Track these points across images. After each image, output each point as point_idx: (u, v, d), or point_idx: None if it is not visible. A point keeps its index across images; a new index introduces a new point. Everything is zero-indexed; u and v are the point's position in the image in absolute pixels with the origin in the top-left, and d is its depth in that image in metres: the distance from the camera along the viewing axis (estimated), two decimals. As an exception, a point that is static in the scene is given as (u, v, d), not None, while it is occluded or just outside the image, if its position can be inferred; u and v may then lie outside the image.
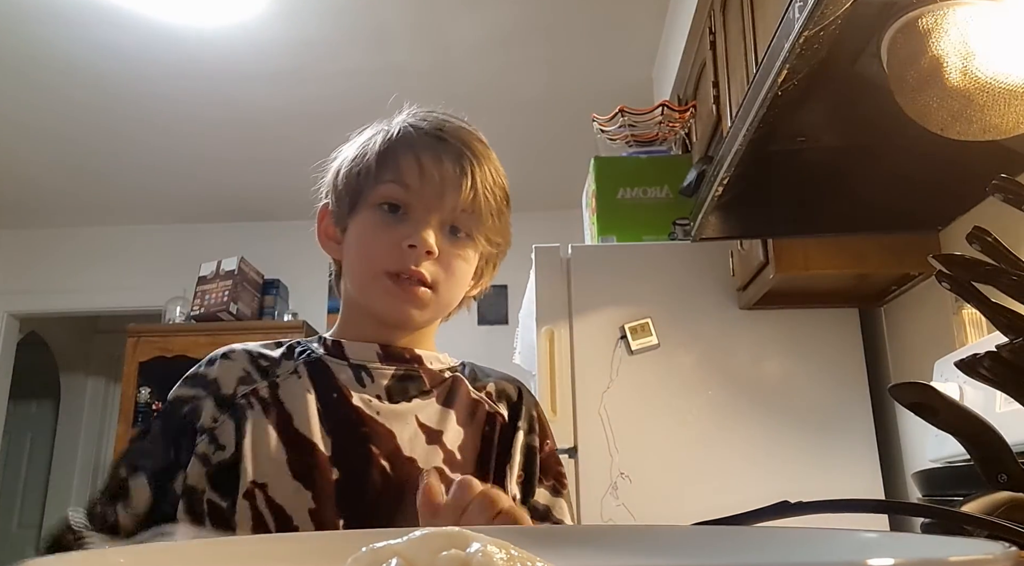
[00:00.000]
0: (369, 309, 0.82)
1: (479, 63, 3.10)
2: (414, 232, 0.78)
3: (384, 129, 0.84)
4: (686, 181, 2.12)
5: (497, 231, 0.85)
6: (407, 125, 0.83)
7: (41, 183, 4.14)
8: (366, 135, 0.86)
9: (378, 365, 0.82)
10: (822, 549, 0.37)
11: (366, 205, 0.81)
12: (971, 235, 0.61)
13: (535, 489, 0.84)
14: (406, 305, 0.79)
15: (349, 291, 0.85)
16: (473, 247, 0.83)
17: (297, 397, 0.78)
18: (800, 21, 0.93)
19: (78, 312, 4.71)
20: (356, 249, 0.83)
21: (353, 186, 0.82)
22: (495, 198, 0.83)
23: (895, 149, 1.28)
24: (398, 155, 0.81)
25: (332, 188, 0.86)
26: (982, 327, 1.56)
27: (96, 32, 2.86)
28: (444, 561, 0.28)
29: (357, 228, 0.83)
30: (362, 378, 0.81)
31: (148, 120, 3.51)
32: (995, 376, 0.58)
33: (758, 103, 1.11)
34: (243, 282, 4.17)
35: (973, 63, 0.97)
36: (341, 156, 0.87)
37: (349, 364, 0.82)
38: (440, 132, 0.82)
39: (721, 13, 2.03)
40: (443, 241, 0.80)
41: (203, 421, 0.76)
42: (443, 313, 0.85)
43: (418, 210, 0.80)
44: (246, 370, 0.80)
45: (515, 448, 0.84)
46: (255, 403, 0.77)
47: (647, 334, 2.01)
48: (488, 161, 0.83)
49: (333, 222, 0.86)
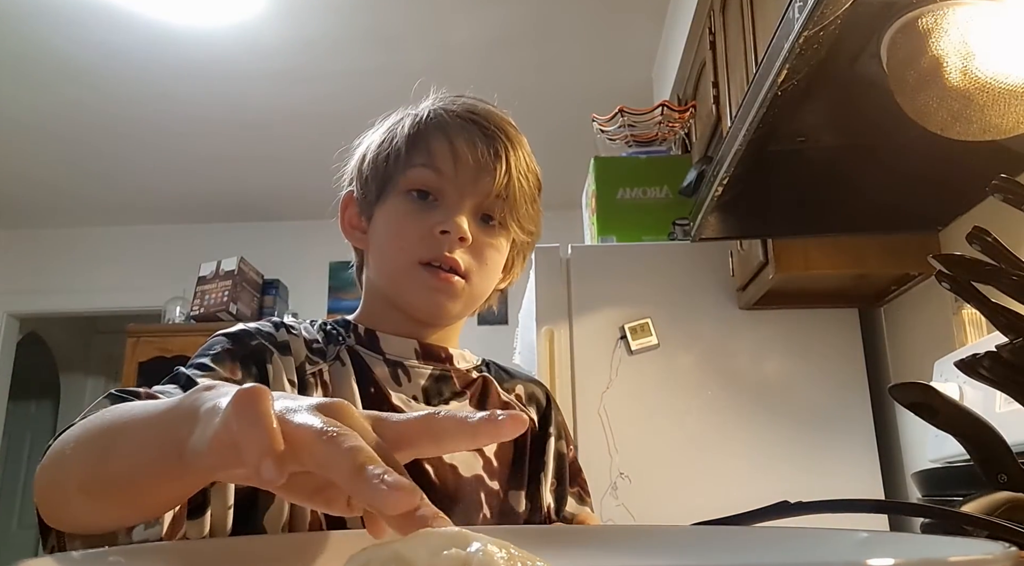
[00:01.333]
0: (398, 301, 0.78)
1: (478, 63, 3.10)
2: (447, 218, 0.74)
3: (412, 113, 0.80)
4: (686, 181, 2.12)
5: (530, 218, 0.81)
6: (437, 108, 0.79)
7: (41, 183, 4.14)
8: (392, 119, 0.82)
9: (415, 363, 0.78)
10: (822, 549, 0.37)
11: (395, 192, 0.77)
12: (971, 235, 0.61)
13: (567, 498, 0.83)
14: (439, 295, 0.75)
15: (374, 282, 0.81)
16: (506, 236, 0.80)
17: (345, 388, 0.73)
18: (800, 21, 0.93)
19: (78, 312, 4.71)
20: (385, 238, 0.78)
21: (381, 172, 0.78)
22: (529, 184, 0.79)
23: (895, 149, 1.28)
24: (429, 138, 0.77)
25: (357, 175, 0.82)
26: (982, 327, 1.56)
27: (96, 32, 2.86)
28: (445, 561, 0.27)
29: (385, 216, 0.78)
30: (399, 376, 0.77)
31: (148, 120, 3.51)
32: (995, 376, 0.58)
33: (758, 103, 1.11)
34: (243, 282, 4.17)
35: (973, 63, 0.97)
36: (367, 141, 0.83)
37: (385, 359, 0.77)
38: (473, 114, 0.78)
39: (721, 13, 2.03)
40: (476, 229, 0.76)
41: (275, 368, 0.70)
42: (474, 305, 0.80)
43: (451, 196, 0.76)
44: (309, 348, 0.75)
45: (547, 455, 0.83)
46: (319, 385, 0.73)
47: (647, 334, 2.01)
48: (521, 145, 0.79)
49: (358, 211, 0.82)
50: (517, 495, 0.78)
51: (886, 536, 0.46)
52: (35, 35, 2.88)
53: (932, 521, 0.51)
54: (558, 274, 2.10)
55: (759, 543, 0.40)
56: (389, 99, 0.87)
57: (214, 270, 4.18)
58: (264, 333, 0.73)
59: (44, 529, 0.49)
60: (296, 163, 3.91)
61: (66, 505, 0.47)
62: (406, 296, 0.77)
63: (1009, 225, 1.13)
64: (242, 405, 0.35)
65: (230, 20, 2.82)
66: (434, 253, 0.74)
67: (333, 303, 4.46)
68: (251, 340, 0.71)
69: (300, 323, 0.78)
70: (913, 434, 1.85)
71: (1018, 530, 0.40)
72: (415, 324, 0.79)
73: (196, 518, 0.56)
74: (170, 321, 4.22)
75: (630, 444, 1.93)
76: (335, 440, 0.34)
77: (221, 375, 0.66)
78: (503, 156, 0.76)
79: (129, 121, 3.51)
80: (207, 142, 3.72)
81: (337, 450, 0.34)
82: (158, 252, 4.62)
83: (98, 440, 0.46)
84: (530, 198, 0.80)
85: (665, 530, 0.46)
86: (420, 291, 0.75)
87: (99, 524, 0.47)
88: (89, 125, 3.53)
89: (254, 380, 0.68)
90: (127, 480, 0.44)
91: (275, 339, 0.73)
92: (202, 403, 0.39)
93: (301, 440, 0.35)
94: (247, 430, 0.34)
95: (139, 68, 3.10)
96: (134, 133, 3.62)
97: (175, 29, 2.85)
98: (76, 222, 4.63)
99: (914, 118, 1.07)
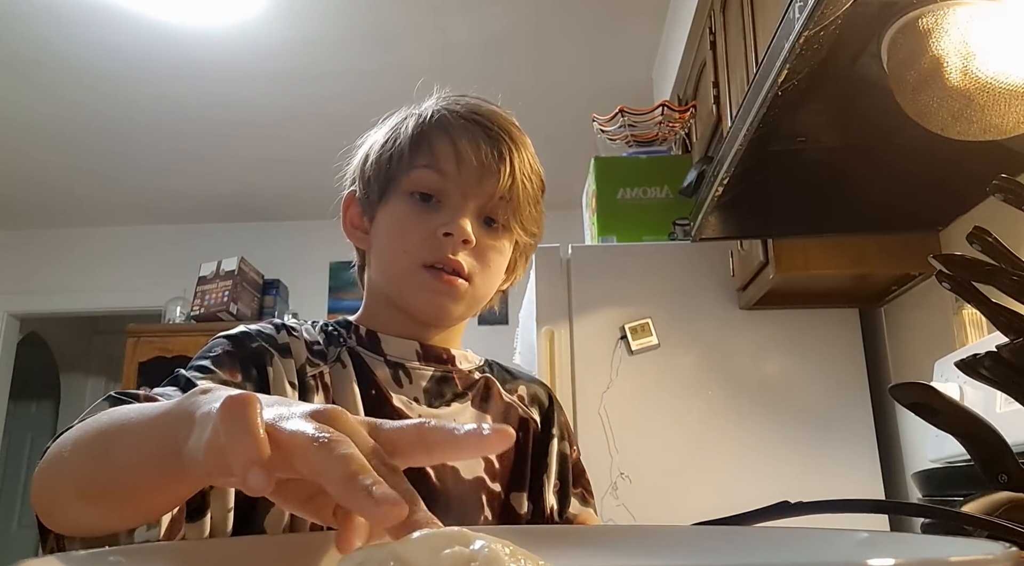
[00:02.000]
0: (400, 302, 0.77)
1: (479, 63, 3.10)
2: (450, 220, 0.74)
3: (416, 113, 0.79)
4: (686, 181, 2.12)
5: (533, 220, 0.80)
6: (441, 109, 0.78)
7: (41, 183, 4.14)
8: (395, 119, 0.81)
9: (417, 365, 0.78)
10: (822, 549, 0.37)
11: (397, 192, 0.77)
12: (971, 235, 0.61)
13: (570, 499, 0.83)
14: (442, 298, 0.74)
15: (376, 282, 0.81)
16: (509, 238, 0.79)
17: (346, 390, 0.73)
18: (800, 21, 0.93)
19: (78, 312, 4.71)
20: (388, 239, 0.77)
21: (384, 172, 0.78)
22: (532, 185, 0.78)
23: (895, 149, 1.28)
24: (433, 139, 0.76)
25: (360, 174, 0.81)
26: (982, 327, 1.56)
27: (96, 32, 2.86)
28: (447, 559, 0.27)
29: (387, 217, 0.77)
30: (400, 378, 0.76)
31: (148, 120, 3.51)
32: (995, 376, 0.58)
33: (758, 103, 1.11)
34: (243, 282, 4.17)
35: (973, 63, 0.97)
36: (370, 141, 0.82)
37: (386, 361, 0.77)
38: (477, 115, 0.77)
39: (721, 13, 2.03)
40: (479, 231, 0.75)
41: (275, 371, 0.70)
42: (477, 307, 0.79)
43: (454, 197, 0.75)
44: (309, 350, 0.74)
45: (550, 456, 0.82)
46: (319, 388, 0.72)
47: (647, 334, 2.01)
48: (525, 147, 0.79)
49: (360, 211, 0.81)
50: (519, 497, 0.78)
51: (886, 536, 0.46)
52: (36, 35, 2.88)
53: (932, 521, 0.51)
54: (558, 274, 2.10)
55: (759, 543, 0.40)
56: (389, 99, 0.87)
57: (214, 270, 4.18)
58: (265, 335, 0.73)
59: (43, 530, 0.49)
60: (296, 163, 3.91)
61: (64, 509, 0.47)
62: (408, 298, 0.76)
63: (1009, 225, 1.13)
64: (229, 413, 0.35)
65: (230, 20, 2.82)
66: (437, 255, 0.74)
67: (333, 303, 4.46)
68: (251, 342, 0.71)
69: (301, 325, 0.78)
70: (913, 434, 1.85)
71: (1018, 530, 0.40)
72: (417, 325, 0.78)
73: (195, 521, 0.56)
74: (170, 321, 4.22)
75: (630, 444, 1.93)
76: (327, 447, 0.34)
77: (221, 377, 0.66)
78: (507, 157, 0.76)
79: (129, 121, 3.51)
80: (207, 142, 3.72)
81: (328, 457, 0.33)
82: (158, 252, 4.62)
83: (95, 443, 0.46)
84: (533, 200, 0.79)
85: (665, 530, 0.46)
86: (422, 293, 0.75)
87: (97, 527, 0.47)
88: (89, 125, 3.53)
89: (254, 383, 0.68)
90: (124, 483, 0.43)
91: (276, 341, 0.73)
92: (198, 407, 0.39)
93: (293, 446, 0.35)
94: (234, 438, 0.34)
95: (140, 68, 3.10)
96: (134, 133, 3.62)
97: (175, 29, 2.85)
98: (76, 222, 4.63)
99: (914, 118, 1.06)
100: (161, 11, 2.75)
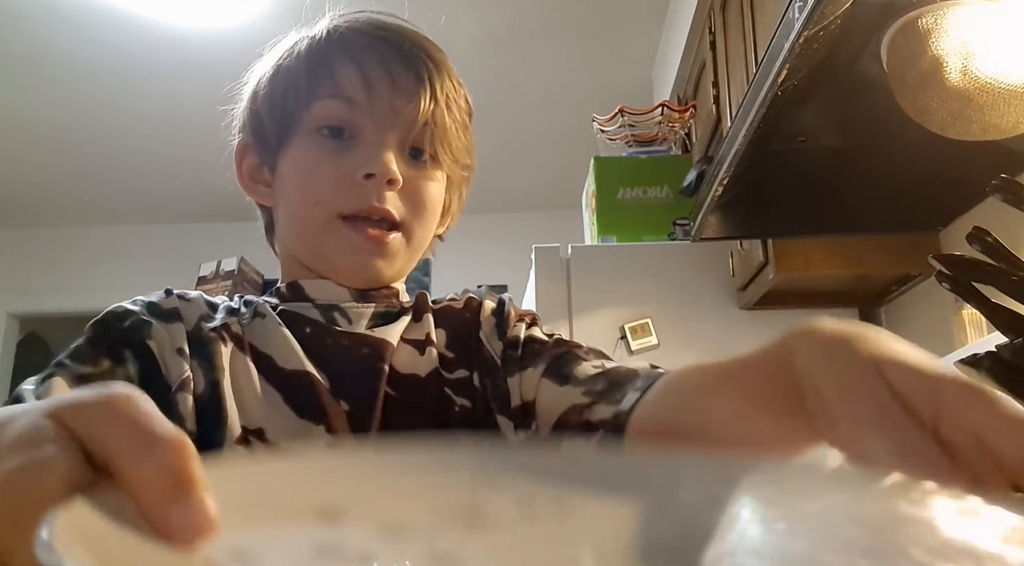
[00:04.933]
0: (319, 267, 0.64)
1: (478, 63, 3.10)
2: (369, 158, 0.61)
3: (308, 35, 0.66)
4: (686, 181, 2.12)
5: (465, 150, 0.68)
6: (338, 25, 0.66)
7: (41, 183, 4.14)
8: (284, 45, 0.68)
9: (353, 304, 0.64)
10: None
11: (300, 132, 0.63)
12: (971, 235, 0.61)
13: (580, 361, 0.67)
14: (371, 257, 0.62)
15: (289, 245, 0.67)
16: (440, 171, 0.66)
17: (272, 335, 0.61)
18: (800, 21, 0.93)
19: (78, 312, 4.69)
20: (296, 191, 0.64)
21: (279, 110, 0.64)
22: (459, 110, 0.67)
23: (895, 149, 1.28)
24: (333, 63, 0.63)
25: (249, 117, 0.68)
26: (982, 327, 1.56)
27: (97, 33, 2.86)
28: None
29: (292, 163, 0.64)
30: (335, 319, 0.63)
31: (148, 120, 3.51)
32: (995, 376, 0.58)
33: (758, 103, 1.11)
34: (243, 282, 4.17)
35: (973, 63, 0.97)
36: (256, 74, 0.69)
37: (315, 305, 0.64)
38: (382, 31, 0.65)
39: (721, 13, 2.03)
40: (405, 167, 0.62)
41: (158, 341, 0.59)
42: (415, 261, 0.67)
43: (368, 130, 0.62)
44: (207, 310, 0.63)
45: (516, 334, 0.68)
46: (228, 339, 0.60)
47: (647, 334, 2.01)
48: (444, 65, 0.66)
49: (258, 160, 0.68)
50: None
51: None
52: (36, 36, 2.88)
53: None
54: (558, 274, 2.10)
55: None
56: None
57: (214, 270, 4.18)
58: (143, 304, 0.62)
59: None
60: (296, 163, 3.91)
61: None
62: (329, 259, 0.64)
63: (1009, 225, 1.13)
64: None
65: (232, 21, 2.82)
66: (359, 204, 0.61)
67: (333, 303, 4.47)
68: (121, 322, 0.60)
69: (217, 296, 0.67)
70: (913, 434, 1.85)
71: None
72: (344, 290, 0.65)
73: None
74: (170, 321, 4.22)
75: (630, 444, 1.93)
76: None
77: (80, 372, 0.57)
78: (425, 78, 0.63)
79: (130, 121, 3.51)
80: (208, 142, 3.70)
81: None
82: (158, 252, 4.62)
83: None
84: (462, 125, 0.67)
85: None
86: (345, 253, 0.62)
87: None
88: (90, 125, 3.53)
89: (131, 365, 0.58)
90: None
91: (159, 307, 0.62)
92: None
93: None
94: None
95: (140, 69, 3.10)
96: (135, 133, 3.62)
97: (176, 30, 2.86)
98: (76, 222, 4.63)
99: (914, 118, 1.07)
100: (162, 12, 2.75)
